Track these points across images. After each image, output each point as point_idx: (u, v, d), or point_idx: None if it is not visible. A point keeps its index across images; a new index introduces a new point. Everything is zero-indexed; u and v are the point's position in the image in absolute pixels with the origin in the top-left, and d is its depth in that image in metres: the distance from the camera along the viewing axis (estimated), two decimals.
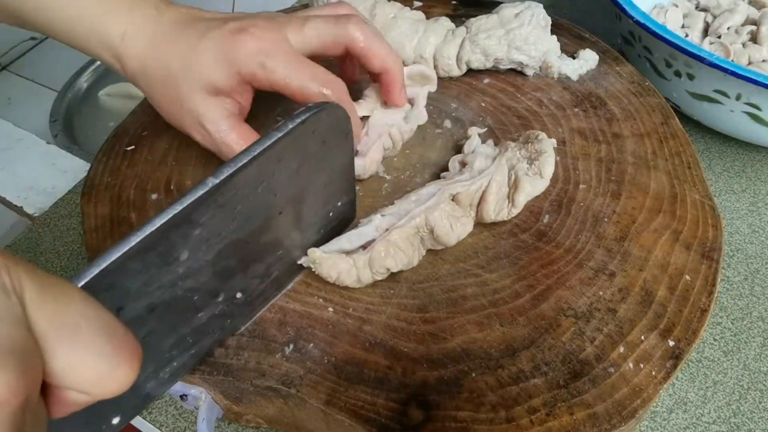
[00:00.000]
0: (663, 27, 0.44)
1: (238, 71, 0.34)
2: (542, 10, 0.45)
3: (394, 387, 0.30)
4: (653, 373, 0.30)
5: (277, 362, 0.31)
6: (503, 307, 0.33)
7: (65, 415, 0.18)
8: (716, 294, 0.34)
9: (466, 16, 0.48)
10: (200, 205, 0.25)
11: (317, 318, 0.33)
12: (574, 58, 0.47)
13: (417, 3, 0.54)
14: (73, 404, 0.18)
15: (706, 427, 0.36)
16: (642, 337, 0.32)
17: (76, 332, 0.17)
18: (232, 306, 0.31)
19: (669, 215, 0.37)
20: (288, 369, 0.31)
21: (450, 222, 0.34)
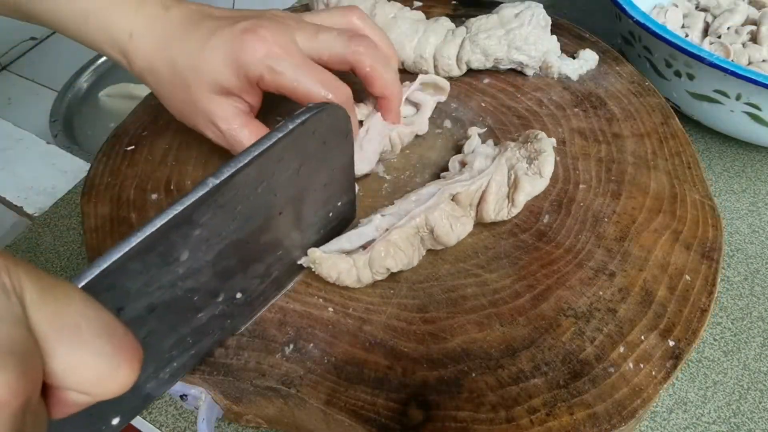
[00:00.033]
0: (663, 27, 0.44)
1: (246, 74, 0.34)
2: (542, 10, 0.45)
3: (394, 387, 0.30)
4: (653, 373, 0.30)
5: (277, 362, 0.31)
6: (503, 307, 0.33)
7: (65, 416, 0.18)
8: (716, 294, 0.34)
9: (466, 16, 0.48)
10: (201, 206, 0.25)
11: (317, 318, 0.33)
12: (574, 58, 0.47)
13: (417, 3, 0.54)
14: (74, 405, 0.18)
15: (706, 427, 0.36)
16: (642, 337, 0.32)
17: (77, 333, 0.17)
18: (232, 306, 0.31)
19: (669, 215, 0.37)
20: (288, 369, 0.31)
21: (450, 222, 0.34)
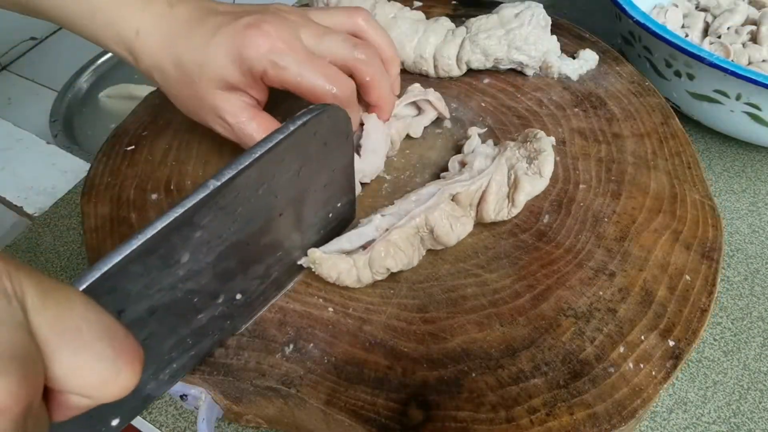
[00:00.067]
0: (663, 27, 0.44)
1: (250, 69, 0.34)
2: (542, 10, 0.45)
3: (394, 387, 0.30)
4: (653, 373, 0.30)
5: (277, 362, 0.31)
6: (503, 307, 0.33)
7: (66, 419, 0.19)
8: (716, 294, 0.34)
9: (466, 16, 0.48)
10: (201, 208, 0.25)
11: (317, 318, 0.33)
12: (574, 58, 0.47)
13: (417, 3, 0.54)
14: (75, 408, 0.18)
15: (706, 427, 0.36)
16: (642, 337, 0.32)
17: (78, 336, 0.17)
18: (232, 307, 0.31)
19: (669, 215, 0.37)
20: (288, 369, 0.31)
21: (450, 222, 0.34)
